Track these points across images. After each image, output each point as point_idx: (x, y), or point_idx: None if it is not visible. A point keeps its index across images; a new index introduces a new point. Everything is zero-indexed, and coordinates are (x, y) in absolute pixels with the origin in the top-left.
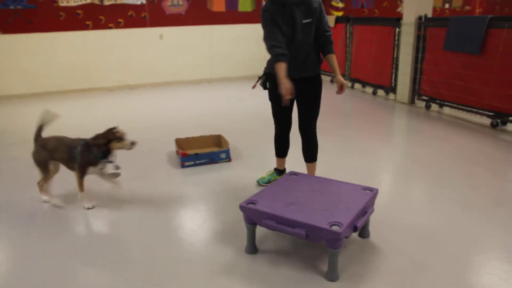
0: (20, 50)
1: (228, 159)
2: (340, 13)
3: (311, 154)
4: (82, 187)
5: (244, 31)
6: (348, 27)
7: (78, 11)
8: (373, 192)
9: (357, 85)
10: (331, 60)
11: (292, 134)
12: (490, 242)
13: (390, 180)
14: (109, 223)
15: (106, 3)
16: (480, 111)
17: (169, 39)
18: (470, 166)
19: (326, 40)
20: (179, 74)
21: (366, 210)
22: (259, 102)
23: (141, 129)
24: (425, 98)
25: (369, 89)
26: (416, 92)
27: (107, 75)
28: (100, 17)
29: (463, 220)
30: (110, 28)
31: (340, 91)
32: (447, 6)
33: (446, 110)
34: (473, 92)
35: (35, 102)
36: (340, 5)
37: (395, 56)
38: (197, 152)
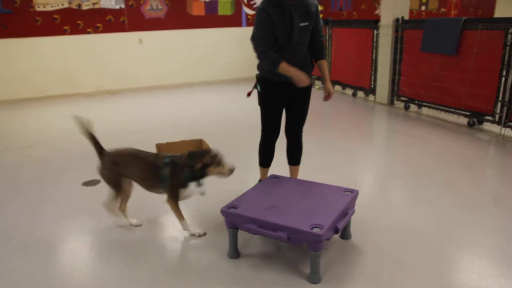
0: None
1: None
2: None
3: (296, 157)
4: (181, 213)
5: (224, 34)
6: (327, 30)
7: (55, 16)
8: (353, 194)
9: (337, 87)
10: (323, 67)
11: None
12: (468, 239)
13: (370, 181)
14: (88, 229)
15: (84, 7)
16: (457, 111)
17: (149, 43)
18: (448, 165)
19: (320, 46)
20: (159, 78)
21: (347, 212)
22: (240, 106)
23: (121, 134)
24: (404, 99)
25: (349, 91)
26: (395, 93)
27: (86, 81)
28: (78, 22)
29: (442, 219)
30: (89, 33)
31: (327, 98)
32: (423, 8)
33: (425, 110)
34: (450, 93)
35: (11, 108)
36: (319, 7)
37: (374, 58)
38: None
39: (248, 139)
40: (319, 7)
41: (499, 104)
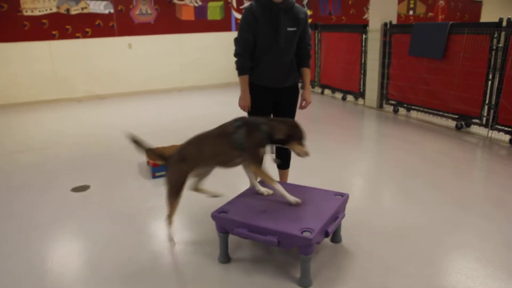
0: None
1: None
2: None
3: (285, 161)
4: (271, 176)
5: (214, 39)
6: (316, 34)
7: (44, 21)
8: (344, 198)
9: (327, 91)
10: (305, 75)
11: None
12: (457, 241)
13: (360, 184)
14: (77, 237)
15: (73, 12)
16: (445, 114)
17: (138, 48)
18: (436, 167)
19: (305, 54)
20: (149, 83)
21: (337, 216)
22: (230, 111)
23: (111, 140)
24: (393, 102)
25: (338, 95)
26: (384, 97)
27: (75, 86)
28: (67, 26)
29: (431, 221)
30: (78, 37)
31: (303, 107)
32: (411, 13)
33: (413, 113)
34: (438, 96)
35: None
36: (308, 12)
37: (363, 62)
38: None
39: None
40: (309, 12)
41: (486, 107)
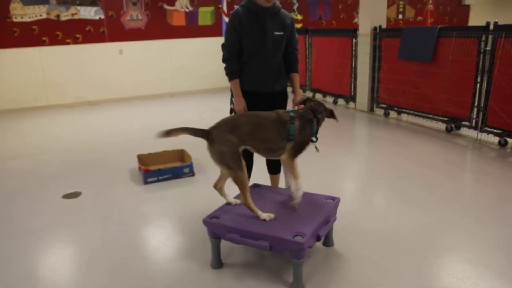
0: None
1: (192, 173)
2: (298, 25)
3: (276, 166)
4: (298, 172)
5: (205, 44)
6: (307, 39)
7: (34, 27)
8: (335, 201)
9: (318, 95)
10: (295, 80)
11: None
12: (448, 243)
13: (352, 187)
14: (70, 243)
15: (63, 18)
16: (435, 117)
17: (129, 54)
18: (427, 170)
19: (293, 58)
20: (140, 88)
21: (328, 219)
22: (221, 116)
23: (102, 146)
24: (384, 106)
25: (329, 99)
26: (374, 100)
27: (65, 92)
28: (57, 32)
29: (422, 223)
30: (68, 43)
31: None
32: (400, 17)
33: (404, 117)
34: (428, 99)
35: None
36: (299, 17)
37: (354, 65)
38: (159, 168)
39: None
40: (299, 17)
41: (475, 109)
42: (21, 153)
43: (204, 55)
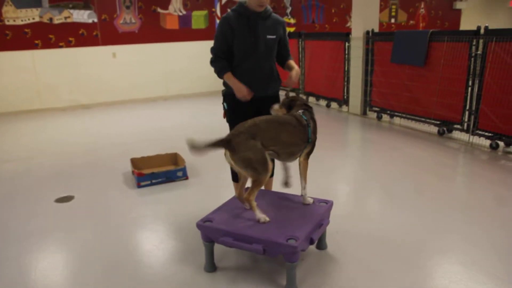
0: None
1: (185, 177)
2: (292, 29)
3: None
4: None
5: (198, 48)
6: (300, 42)
7: (26, 30)
8: (328, 205)
9: (311, 99)
10: (291, 63)
11: None
12: (441, 245)
13: (345, 190)
14: (63, 247)
15: (56, 21)
16: (428, 120)
17: (123, 57)
18: (420, 173)
19: (289, 58)
20: (134, 92)
21: (322, 223)
22: (214, 119)
23: (96, 149)
24: (376, 109)
25: (323, 102)
26: (367, 103)
27: (59, 95)
28: (50, 36)
29: (414, 226)
30: (61, 47)
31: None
32: (393, 21)
33: (397, 120)
34: (420, 102)
35: None
36: (292, 21)
37: (346, 69)
38: (153, 171)
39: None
40: (292, 21)
41: (467, 113)
42: (13, 156)
43: (198, 59)
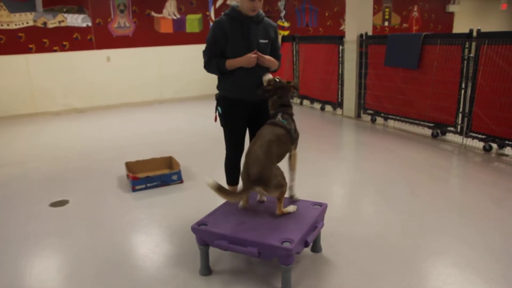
0: None
1: (180, 180)
2: (286, 32)
3: None
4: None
5: (193, 51)
6: (294, 46)
7: (20, 34)
8: (322, 207)
9: (306, 102)
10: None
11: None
12: (435, 247)
13: (339, 193)
14: (57, 251)
15: (50, 26)
16: (421, 123)
17: (117, 61)
18: (414, 175)
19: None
20: (128, 96)
21: (316, 225)
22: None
23: (90, 153)
24: (371, 112)
25: (317, 105)
26: (361, 106)
27: (53, 99)
28: (44, 40)
29: (409, 228)
30: (55, 51)
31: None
32: (386, 24)
33: (391, 122)
34: (414, 105)
35: None
36: (286, 24)
37: (340, 72)
38: (148, 175)
39: (217, 156)
40: (286, 24)
41: (460, 115)
42: (7, 160)
43: (192, 62)
